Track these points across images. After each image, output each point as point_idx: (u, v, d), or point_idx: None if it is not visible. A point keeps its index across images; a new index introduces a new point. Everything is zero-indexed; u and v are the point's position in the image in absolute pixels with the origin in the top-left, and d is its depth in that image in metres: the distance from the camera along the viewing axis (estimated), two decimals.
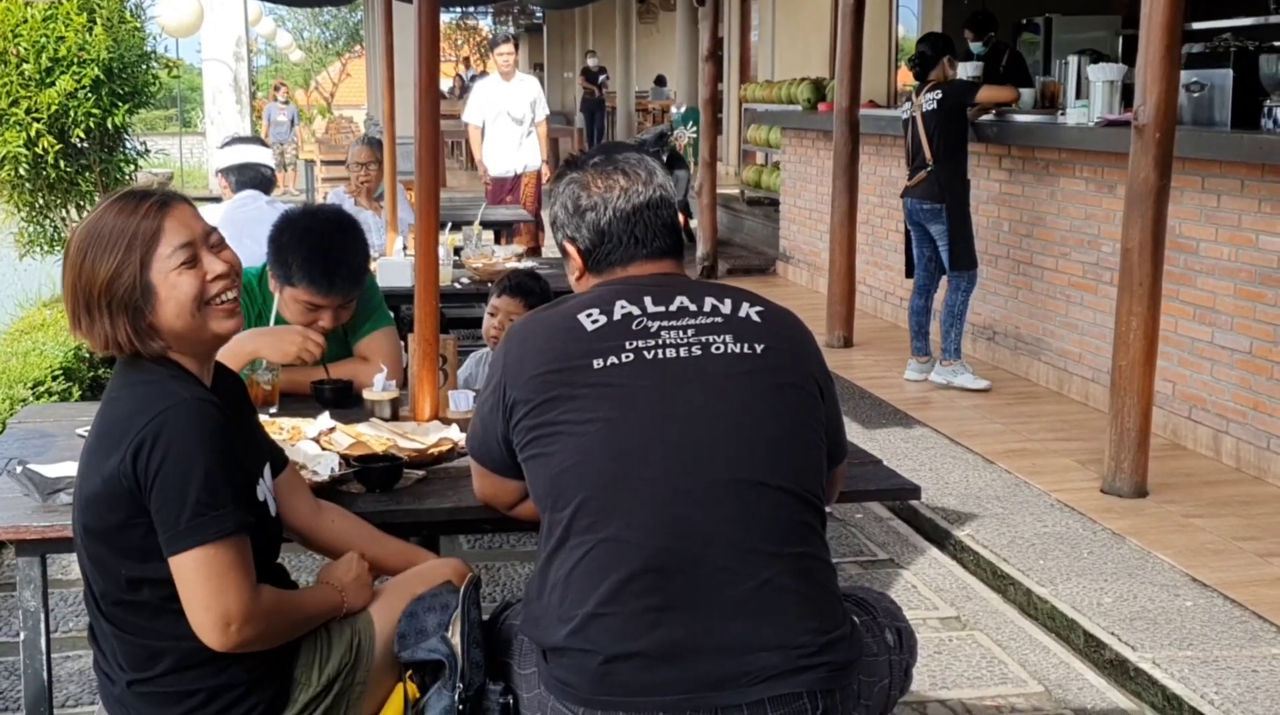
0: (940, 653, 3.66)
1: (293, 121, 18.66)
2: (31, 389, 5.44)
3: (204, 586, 1.87)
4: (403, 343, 3.36)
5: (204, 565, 1.87)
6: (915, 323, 6.59)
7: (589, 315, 2.04)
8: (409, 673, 2.05)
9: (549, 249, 9.12)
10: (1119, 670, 3.50)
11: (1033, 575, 4.03)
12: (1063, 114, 6.26)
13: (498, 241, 7.23)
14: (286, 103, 18.93)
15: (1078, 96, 6.40)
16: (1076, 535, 4.36)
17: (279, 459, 2.23)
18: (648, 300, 2.06)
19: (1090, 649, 3.63)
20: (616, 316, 2.03)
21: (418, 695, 2.01)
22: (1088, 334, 6.06)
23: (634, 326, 2.02)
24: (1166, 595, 3.84)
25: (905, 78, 14.15)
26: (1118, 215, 5.02)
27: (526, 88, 9.32)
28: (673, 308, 2.05)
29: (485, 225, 6.46)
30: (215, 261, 2.01)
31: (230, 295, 2.01)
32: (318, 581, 2.14)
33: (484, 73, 29.01)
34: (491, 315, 3.92)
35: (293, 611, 2.01)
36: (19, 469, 2.42)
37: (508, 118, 9.21)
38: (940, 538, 4.53)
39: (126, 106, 6.62)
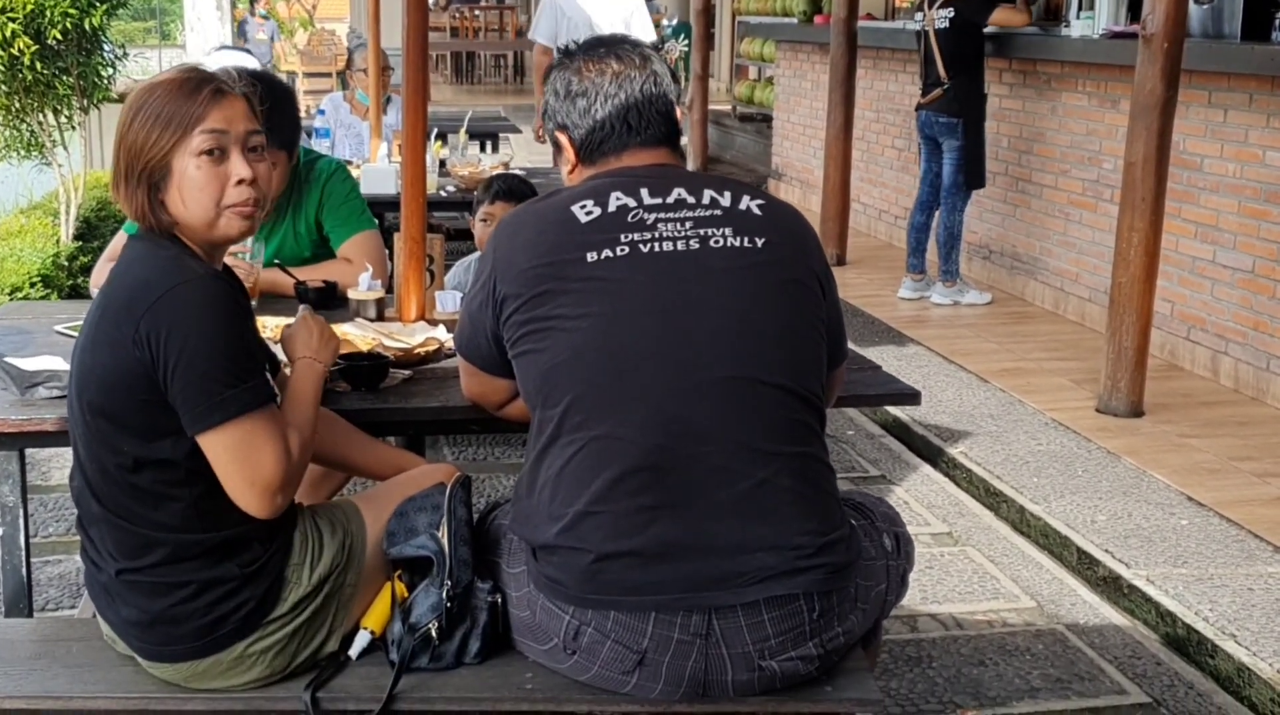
0: (932, 567, 3.63)
1: (272, 38, 18.04)
2: (9, 296, 5.35)
3: (246, 461, 1.84)
4: (387, 251, 3.27)
5: (244, 438, 1.84)
6: (914, 239, 6.48)
7: (582, 207, 1.96)
8: (398, 573, 2.00)
9: None
10: (1112, 587, 3.47)
11: (1026, 492, 4.00)
12: (1067, 26, 6.12)
13: (482, 150, 7.12)
14: (266, 18, 18.33)
15: (1082, 8, 6.25)
16: (1071, 454, 4.31)
17: (273, 361, 2.18)
18: (644, 192, 1.97)
19: (1083, 566, 3.60)
20: (611, 208, 1.95)
21: (406, 595, 1.96)
22: (1086, 253, 5.98)
23: (629, 219, 1.94)
24: (1162, 514, 3.81)
25: None
26: (1120, 131, 4.92)
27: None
28: (670, 199, 1.97)
29: (471, 135, 6.37)
30: (243, 165, 1.94)
31: (247, 201, 1.95)
32: (290, 361, 2.12)
33: None
34: (484, 221, 3.83)
35: (301, 415, 1.98)
36: None
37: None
38: (932, 455, 4.49)
39: (104, 7, 6.39)
